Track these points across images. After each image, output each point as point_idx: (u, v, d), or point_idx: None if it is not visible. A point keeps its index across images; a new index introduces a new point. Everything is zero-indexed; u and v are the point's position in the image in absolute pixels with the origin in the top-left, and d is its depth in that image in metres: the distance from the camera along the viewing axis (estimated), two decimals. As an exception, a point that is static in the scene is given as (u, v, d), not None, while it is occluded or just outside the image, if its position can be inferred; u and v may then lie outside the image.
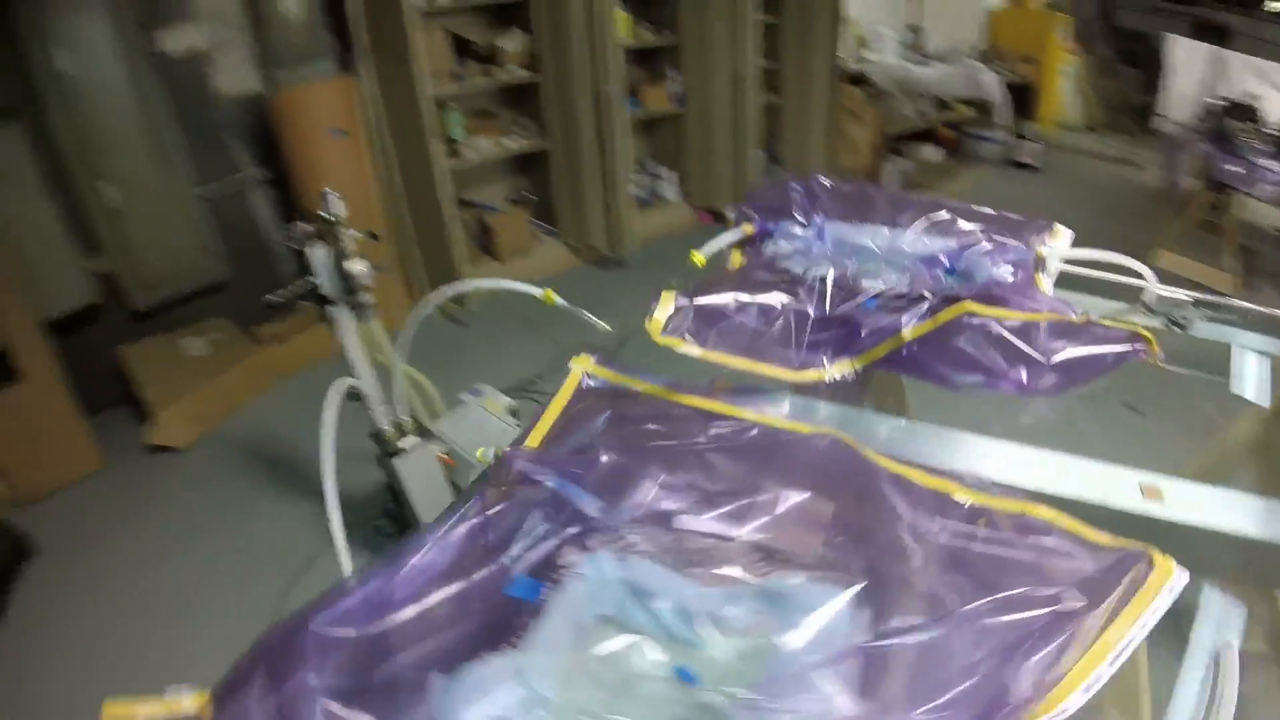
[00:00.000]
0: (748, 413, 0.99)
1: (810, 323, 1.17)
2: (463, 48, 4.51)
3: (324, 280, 2.07)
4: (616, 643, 0.67)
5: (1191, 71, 6.37)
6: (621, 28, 4.71)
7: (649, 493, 0.82)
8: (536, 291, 1.69)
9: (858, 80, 5.88)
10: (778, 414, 1.01)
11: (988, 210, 1.55)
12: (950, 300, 1.14)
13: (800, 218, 1.49)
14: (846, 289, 1.26)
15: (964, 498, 0.81)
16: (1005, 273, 1.30)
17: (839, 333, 1.15)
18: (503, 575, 0.72)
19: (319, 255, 2.03)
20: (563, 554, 0.75)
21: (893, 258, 1.42)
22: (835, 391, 1.10)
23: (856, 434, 0.93)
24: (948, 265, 1.36)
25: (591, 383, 1.08)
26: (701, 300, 1.19)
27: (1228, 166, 4.41)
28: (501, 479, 0.82)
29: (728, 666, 0.65)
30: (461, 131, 4.58)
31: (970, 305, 1.11)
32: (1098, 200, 5.75)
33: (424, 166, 4.10)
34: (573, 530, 0.77)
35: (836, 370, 1.10)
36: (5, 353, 3.17)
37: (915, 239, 1.43)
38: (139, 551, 2.94)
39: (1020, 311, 1.12)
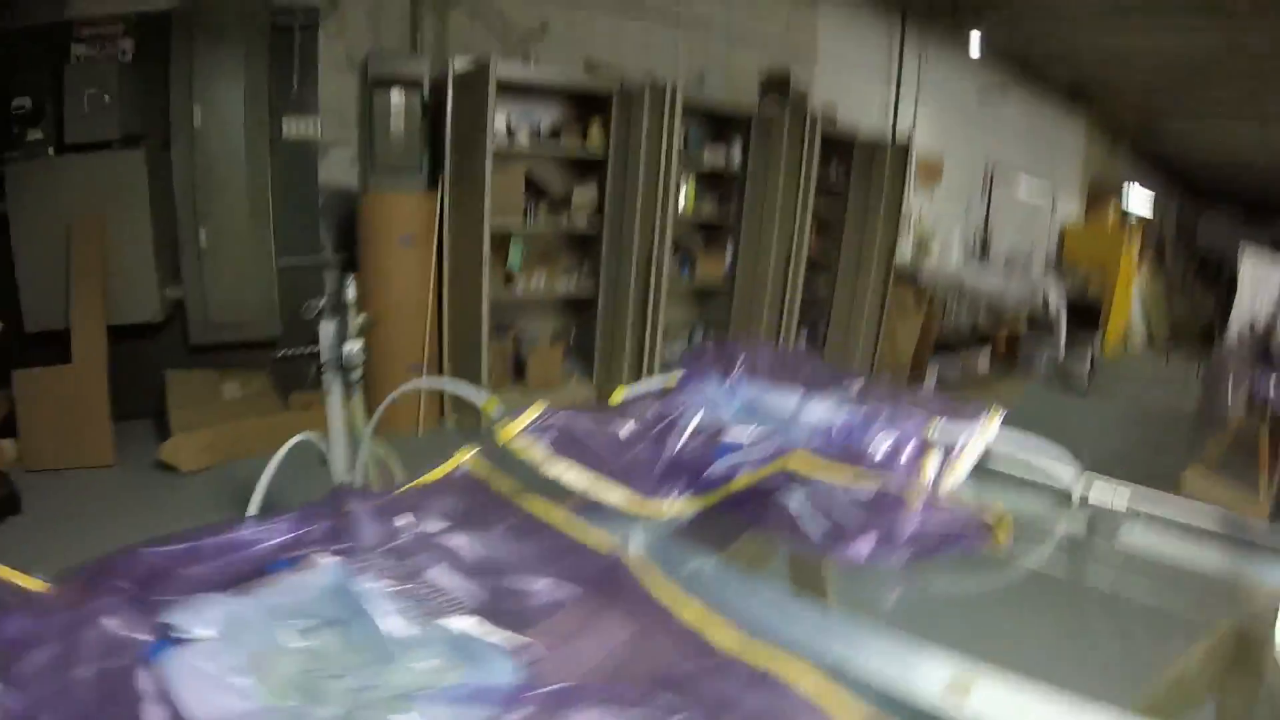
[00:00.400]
0: (573, 526, 1.06)
1: (661, 461, 1.21)
2: (540, 190, 4.96)
3: (324, 350, 2.32)
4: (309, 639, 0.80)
5: (1259, 292, 6.28)
6: (686, 200, 5.08)
7: (424, 548, 0.91)
8: (479, 398, 1.79)
9: (913, 278, 6.08)
10: (612, 535, 1.04)
11: (930, 396, 1.56)
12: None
13: (722, 374, 1.56)
14: (709, 436, 1.27)
15: (716, 638, 0.80)
16: (881, 447, 1.24)
17: (686, 475, 1.18)
18: (272, 556, 0.91)
19: (326, 328, 2.29)
20: (313, 557, 0.90)
21: (789, 421, 1.41)
22: (691, 531, 1.13)
23: (681, 577, 0.92)
24: (830, 434, 1.34)
25: (465, 469, 1.18)
26: (564, 417, 1.24)
27: (1271, 388, 4.27)
28: (331, 507, 1.00)
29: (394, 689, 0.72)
30: (520, 263, 4.98)
31: (793, 462, 1.13)
32: (1144, 422, 5.67)
33: (474, 288, 4.48)
34: (340, 546, 0.93)
35: (672, 508, 1.13)
36: (68, 334, 3.68)
37: (822, 409, 1.46)
38: (106, 540, 3.08)
39: (844, 472, 1.11)
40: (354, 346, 2.36)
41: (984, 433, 1.33)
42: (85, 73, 3.84)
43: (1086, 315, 6.76)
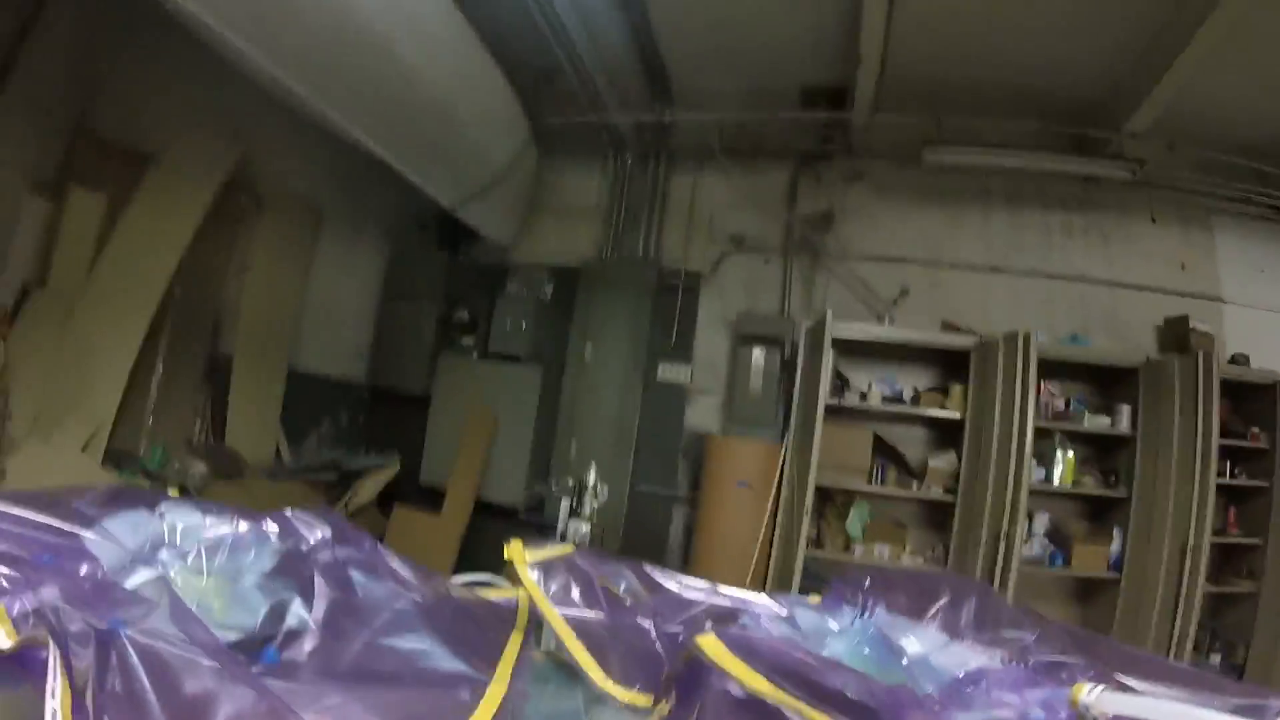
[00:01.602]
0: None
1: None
2: (895, 455, 4.82)
3: (560, 522, 2.55)
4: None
5: None
6: (1063, 471, 4.57)
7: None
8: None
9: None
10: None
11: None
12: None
13: (857, 602, 1.33)
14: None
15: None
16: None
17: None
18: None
19: (563, 505, 2.56)
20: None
21: (912, 666, 1.17)
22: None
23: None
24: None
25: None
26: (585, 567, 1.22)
27: None
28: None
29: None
30: (860, 530, 4.74)
31: (704, 643, 0.94)
32: None
33: (790, 547, 4.42)
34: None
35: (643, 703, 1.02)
36: (445, 493, 4.72)
37: (956, 653, 1.17)
38: None
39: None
40: (577, 525, 2.58)
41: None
42: (513, 303, 5.15)
43: None
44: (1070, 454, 4.66)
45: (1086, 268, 5.24)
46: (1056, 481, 4.62)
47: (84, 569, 0.76)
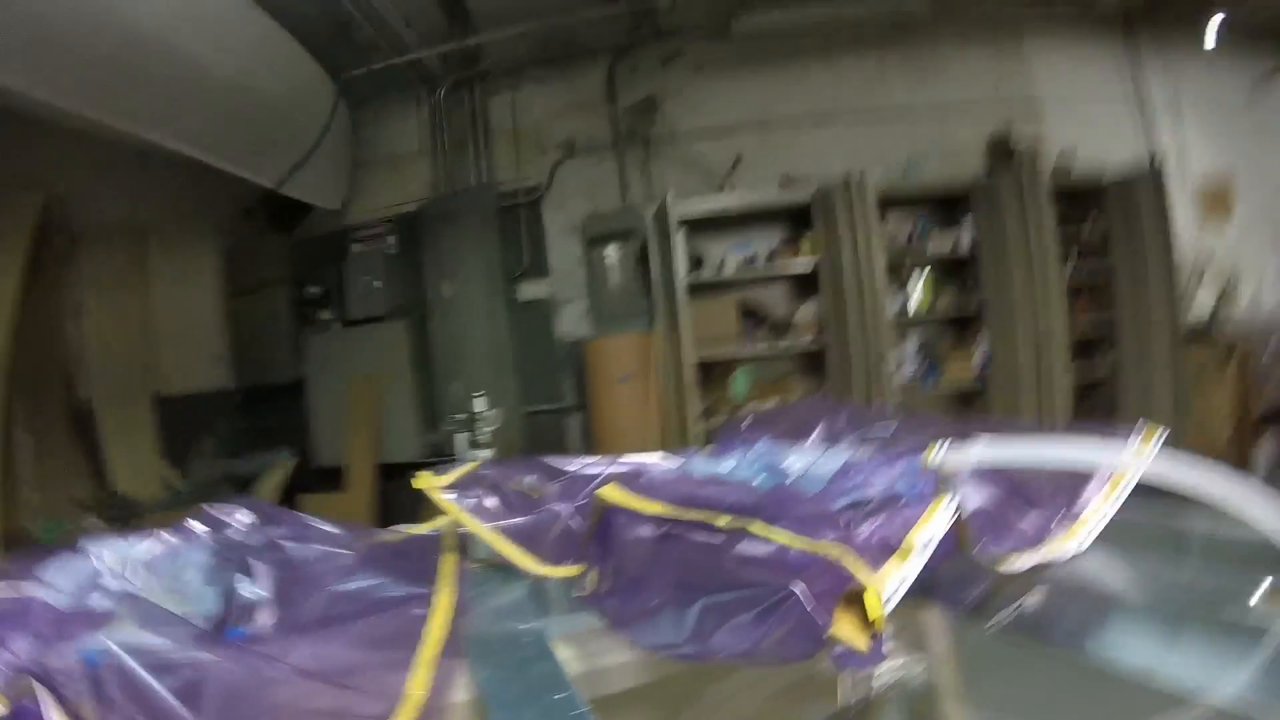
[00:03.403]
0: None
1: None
2: (761, 316, 4.99)
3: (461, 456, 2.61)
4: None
5: None
6: (921, 296, 4.80)
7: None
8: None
9: (1219, 338, 5.02)
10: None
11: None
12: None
13: (744, 440, 1.40)
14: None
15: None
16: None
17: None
18: None
19: (459, 440, 2.59)
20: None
21: (796, 480, 1.19)
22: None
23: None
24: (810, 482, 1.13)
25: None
26: (492, 474, 1.28)
27: None
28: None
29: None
30: (746, 392, 4.90)
31: (605, 492, 1.05)
32: None
33: (684, 424, 4.57)
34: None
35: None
36: (345, 469, 4.73)
37: (832, 457, 1.23)
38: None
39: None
40: (483, 455, 2.60)
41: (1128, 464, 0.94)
42: (361, 264, 5.06)
43: None
44: (922, 280, 4.93)
45: (909, 100, 5.41)
46: (914, 308, 4.90)
47: (42, 615, 0.79)
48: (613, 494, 1.03)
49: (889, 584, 0.78)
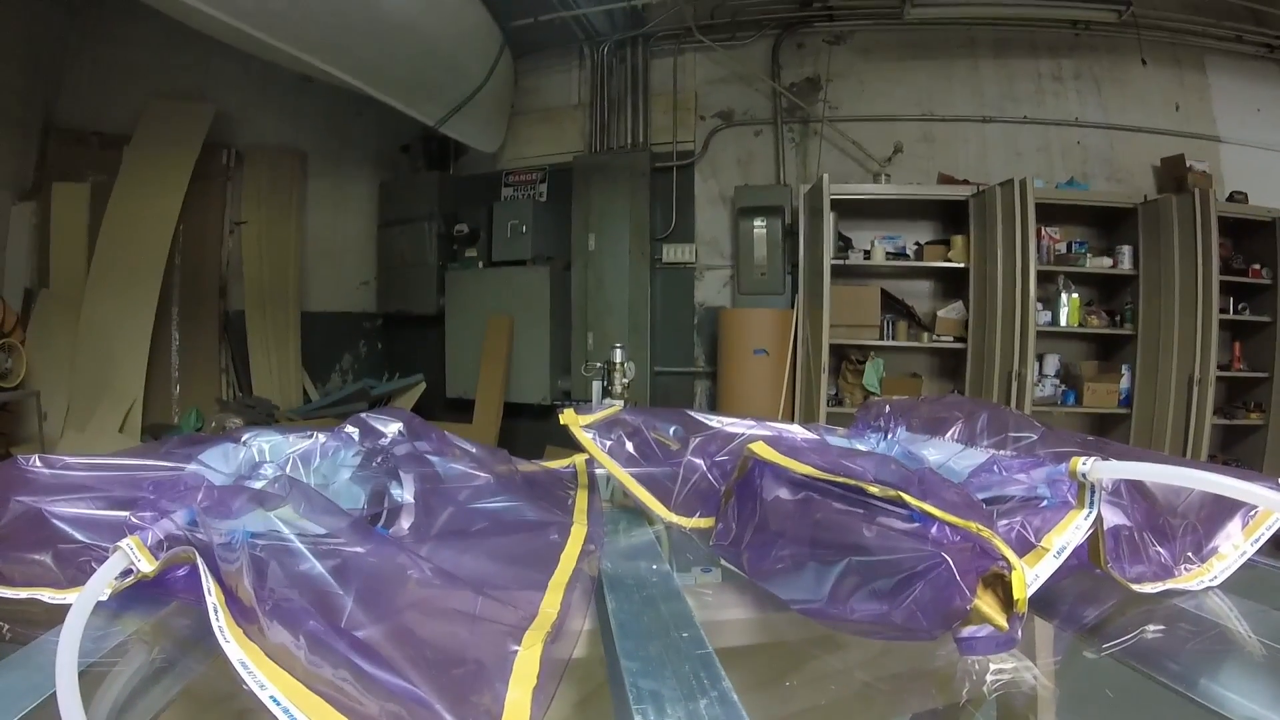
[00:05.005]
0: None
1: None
2: (905, 309, 4.90)
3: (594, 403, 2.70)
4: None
5: None
6: (1069, 313, 4.62)
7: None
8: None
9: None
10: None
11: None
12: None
13: (880, 426, 1.42)
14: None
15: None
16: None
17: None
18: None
19: (595, 387, 2.83)
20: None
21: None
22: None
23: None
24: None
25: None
26: (634, 420, 1.25)
27: None
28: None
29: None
30: (877, 383, 4.82)
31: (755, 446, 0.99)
32: None
33: (812, 407, 4.53)
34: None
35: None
36: (474, 402, 4.90)
37: (971, 455, 1.23)
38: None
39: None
40: (610, 400, 2.63)
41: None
42: (510, 208, 5.18)
43: None
44: (1075, 295, 4.71)
45: (1080, 113, 5.16)
46: (1063, 322, 4.69)
47: (200, 493, 0.79)
48: (763, 450, 1.03)
49: (1029, 574, 0.77)
